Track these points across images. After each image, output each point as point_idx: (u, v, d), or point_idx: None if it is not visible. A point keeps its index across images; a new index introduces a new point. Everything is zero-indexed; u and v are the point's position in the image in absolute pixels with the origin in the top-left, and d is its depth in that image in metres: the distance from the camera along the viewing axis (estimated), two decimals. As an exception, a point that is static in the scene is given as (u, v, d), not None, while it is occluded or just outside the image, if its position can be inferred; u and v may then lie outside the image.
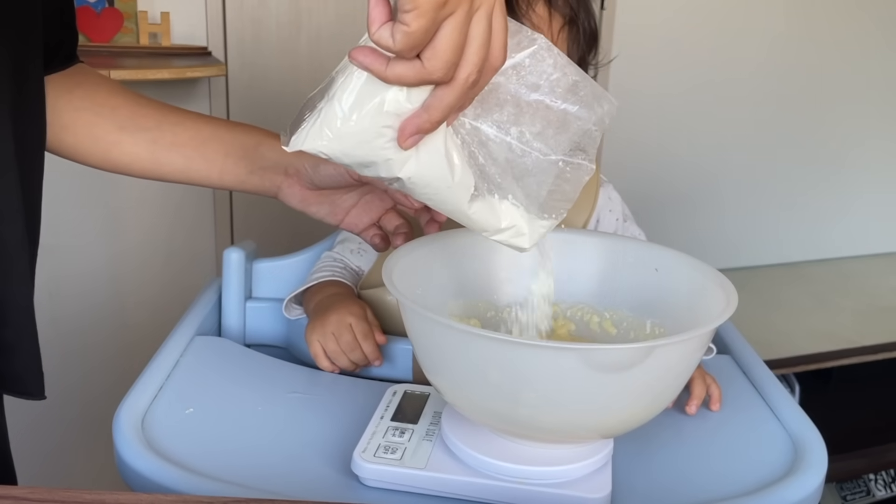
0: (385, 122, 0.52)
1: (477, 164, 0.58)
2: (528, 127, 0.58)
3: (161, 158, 0.75)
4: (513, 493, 0.60)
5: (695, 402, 0.75)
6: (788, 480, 0.64)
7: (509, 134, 0.58)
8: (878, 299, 2.27)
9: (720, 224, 2.33)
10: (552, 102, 0.58)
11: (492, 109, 0.57)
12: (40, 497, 0.47)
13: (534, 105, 0.58)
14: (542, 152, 0.59)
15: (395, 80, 0.50)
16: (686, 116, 2.21)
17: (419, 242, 0.68)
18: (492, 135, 0.58)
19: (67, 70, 0.75)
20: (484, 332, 0.54)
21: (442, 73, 0.49)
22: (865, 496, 2.00)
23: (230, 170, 0.75)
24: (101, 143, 0.75)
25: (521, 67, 0.57)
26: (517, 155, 0.58)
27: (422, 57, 0.48)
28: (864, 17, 2.30)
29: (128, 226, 1.75)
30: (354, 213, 0.75)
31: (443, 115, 0.51)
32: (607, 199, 0.96)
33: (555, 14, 0.86)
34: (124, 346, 1.75)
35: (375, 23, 0.47)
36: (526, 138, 0.58)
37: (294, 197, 0.75)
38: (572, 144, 0.60)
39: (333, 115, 0.52)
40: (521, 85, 0.57)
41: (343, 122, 0.52)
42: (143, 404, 0.70)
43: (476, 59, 0.49)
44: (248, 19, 1.72)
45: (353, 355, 0.81)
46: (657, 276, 0.69)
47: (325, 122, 0.52)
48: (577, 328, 0.72)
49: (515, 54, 0.57)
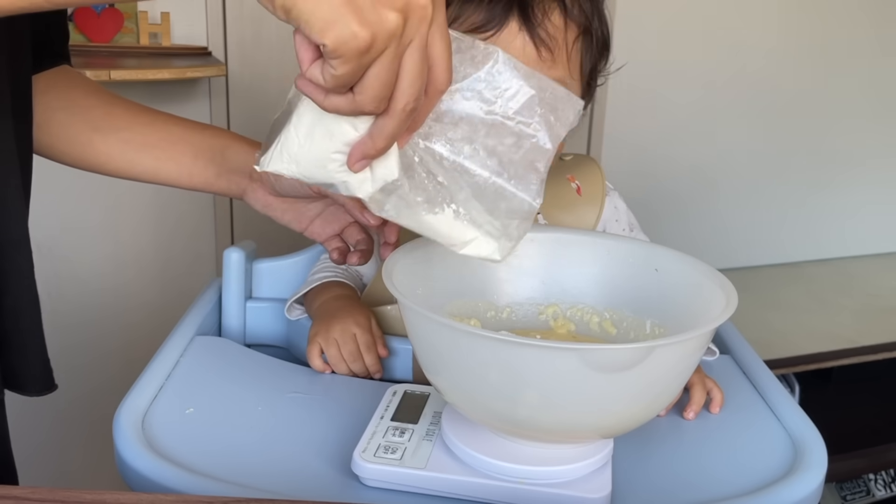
0: (335, 149, 0.54)
1: (435, 182, 0.59)
2: (481, 144, 0.59)
3: (133, 159, 0.76)
4: (513, 493, 0.60)
5: (694, 408, 0.75)
6: (788, 480, 0.64)
7: (462, 153, 0.59)
8: (878, 299, 2.27)
9: (720, 224, 2.33)
10: (506, 119, 0.59)
11: (446, 128, 0.59)
12: (40, 497, 0.47)
13: (488, 122, 0.59)
14: (494, 171, 0.60)
15: (333, 111, 0.51)
16: (685, 116, 2.21)
17: (419, 242, 0.68)
18: (445, 153, 0.59)
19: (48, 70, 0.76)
20: (484, 332, 0.54)
21: (373, 107, 0.50)
22: (865, 496, 2.00)
23: (199, 172, 0.76)
24: (74, 142, 0.75)
25: (477, 82, 0.58)
26: (470, 174, 0.60)
27: (354, 91, 0.50)
28: (864, 17, 2.30)
29: (128, 226, 1.75)
30: (318, 222, 0.77)
31: (387, 142, 0.53)
32: (613, 208, 0.95)
33: (570, 23, 0.84)
34: (124, 346, 1.75)
35: (305, 62, 0.49)
36: (480, 156, 0.59)
37: (258, 202, 0.76)
38: (525, 162, 0.60)
39: (291, 141, 0.55)
40: (477, 101, 0.59)
41: (299, 148, 0.55)
42: (144, 404, 0.70)
43: (411, 90, 0.50)
44: (248, 19, 1.72)
45: (355, 366, 0.81)
46: (657, 276, 0.69)
47: (285, 147, 0.55)
48: (577, 328, 0.72)
49: (472, 70, 0.58)
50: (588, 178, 0.95)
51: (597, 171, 0.96)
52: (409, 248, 0.67)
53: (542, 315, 0.73)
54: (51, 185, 0.72)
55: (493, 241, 0.62)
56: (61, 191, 1.59)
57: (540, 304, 0.73)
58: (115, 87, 0.83)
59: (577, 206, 0.93)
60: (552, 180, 0.63)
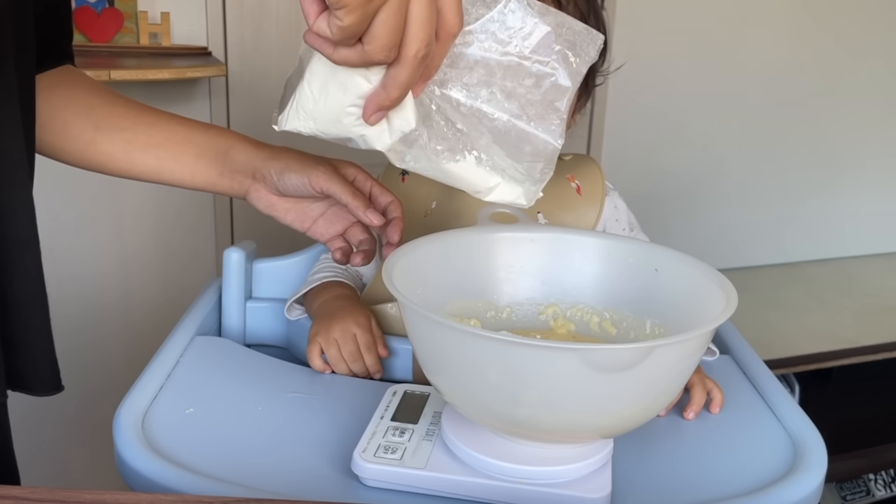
0: (350, 102, 0.53)
1: (454, 129, 0.58)
2: (499, 87, 0.58)
3: (135, 159, 0.76)
4: (513, 493, 0.60)
5: (694, 408, 0.75)
6: (788, 480, 0.64)
7: (479, 97, 0.58)
8: (878, 299, 2.27)
9: (720, 224, 2.33)
10: (522, 60, 0.58)
11: (461, 73, 0.58)
12: (40, 497, 0.47)
13: (504, 64, 0.58)
14: (514, 114, 0.59)
15: (343, 63, 0.51)
16: (685, 117, 2.21)
17: (419, 242, 0.68)
18: (462, 99, 0.58)
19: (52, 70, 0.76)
20: (484, 332, 0.54)
21: (383, 56, 0.50)
22: (865, 496, 2.00)
23: (201, 172, 0.76)
24: (76, 141, 0.75)
25: (490, 23, 0.57)
26: (490, 118, 0.59)
27: (362, 41, 0.49)
28: (865, 17, 2.30)
29: (128, 226, 1.75)
30: (321, 222, 0.77)
31: (401, 92, 0.52)
32: (613, 208, 0.95)
33: None
34: (125, 346, 1.75)
35: (311, 16, 0.49)
36: (497, 99, 0.58)
37: (261, 201, 0.76)
38: (545, 102, 0.59)
39: (305, 98, 0.54)
40: (492, 42, 0.57)
41: (314, 104, 0.54)
42: (144, 404, 0.70)
43: (420, 35, 0.49)
44: (248, 19, 1.72)
45: (355, 366, 0.81)
46: (657, 276, 0.69)
47: (301, 104, 0.54)
48: (576, 328, 0.72)
49: (484, 11, 0.57)
50: (588, 177, 0.95)
51: (596, 170, 0.96)
52: (410, 248, 0.67)
53: (542, 315, 0.73)
54: (51, 185, 0.72)
55: (517, 186, 0.61)
56: (61, 191, 1.59)
57: (540, 304, 0.73)
58: (114, 87, 0.83)
59: (577, 206, 0.93)
60: (551, 180, 0.63)
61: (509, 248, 0.72)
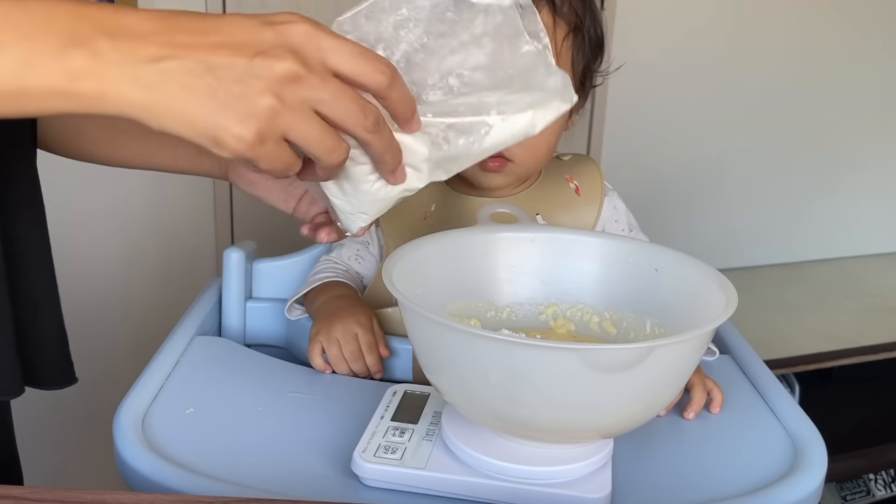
0: (370, 184, 0.57)
1: (462, 127, 0.58)
2: (470, 70, 0.59)
3: (122, 142, 0.76)
4: (513, 493, 0.60)
5: (694, 408, 0.75)
6: (788, 480, 0.64)
7: (462, 92, 0.59)
8: (879, 299, 2.27)
9: (720, 224, 2.33)
10: (471, 34, 0.59)
11: (424, 82, 0.59)
12: (40, 497, 0.47)
13: (459, 48, 0.59)
14: (502, 77, 0.59)
15: (328, 179, 0.55)
16: (685, 117, 2.21)
17: (419, 242, 0.68)
18: (440, 96, 0.59)
19: None
20: (484, 332, 0.54)
21: (336, 158, 0.50)
22: (865, 496, 2.00)
23: (182, 153, 0.76)
24: (63, 130, 0.76)
25: (416, 23, 0.58)
26: (486, 92, 0.59)
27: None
28: (866, 18, 2.30)
29: (128, 226, 1.75)
30: (304, 202, 0.76)
31: (389, 153, 0.53)
32: (612, 208, 0.95)
33: (559, 21, 0.84)
34: (124, 346, 1.75)
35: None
36: (467, 79, 0.59)
37: (242, 180, 0.76)
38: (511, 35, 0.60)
39: (342, 207, 0.59)
40: (434, 38, 0.58)
41: (351, 205, 0.59)
42: (144, 404, 0.71)
43: (351, 118, 0.49)
44: (249, 19, 1.72)
45: (356, 366, 0.81)
46: (657, 276, 0.69)
47: (344, 213, 0.59)
48: (577, 328, 0.72)
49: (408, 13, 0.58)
50: (587, 178, 0.95)
51: (595, 171, 0.96)
52: (410, 248, 0.67)
53: (542, 315, 0.73)
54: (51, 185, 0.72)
55: (550, 102, 0.59)
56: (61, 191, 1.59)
57: (540, 304, 0.73)
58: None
59: (576, 206, 0.93)
60: (551, 180, 0.63)
61: (509, 248, 0.72)
